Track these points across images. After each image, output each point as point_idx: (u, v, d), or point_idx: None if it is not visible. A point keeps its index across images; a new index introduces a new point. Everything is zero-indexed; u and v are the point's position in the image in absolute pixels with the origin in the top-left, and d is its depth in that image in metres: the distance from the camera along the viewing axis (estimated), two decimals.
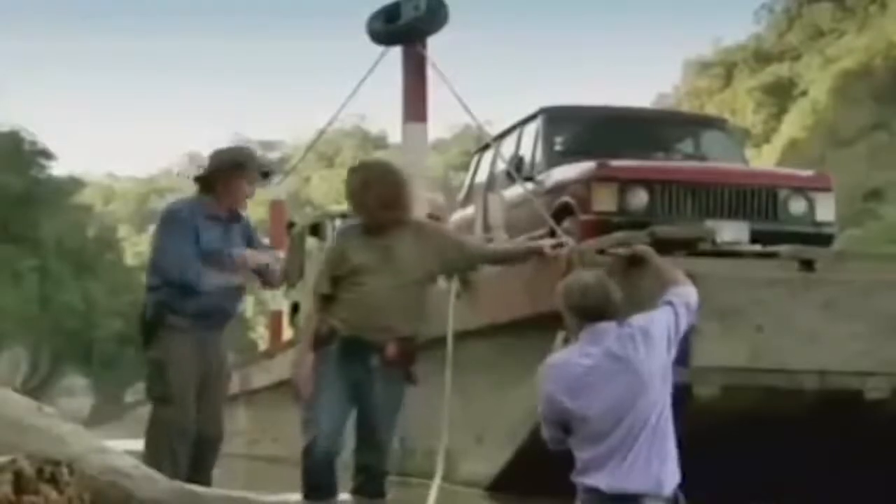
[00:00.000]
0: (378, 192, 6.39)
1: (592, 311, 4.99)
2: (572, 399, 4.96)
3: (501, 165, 11.86)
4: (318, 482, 6.41)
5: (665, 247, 8.40)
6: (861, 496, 8.35)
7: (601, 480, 4.81)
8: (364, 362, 6.40)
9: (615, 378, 4.85)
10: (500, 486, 9.34)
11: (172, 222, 6.90)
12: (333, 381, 6.43)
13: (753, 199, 10.20)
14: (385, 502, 6.56)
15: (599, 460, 4.82)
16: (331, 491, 6.38)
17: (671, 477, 4.78)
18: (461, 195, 13.61)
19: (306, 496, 6.41)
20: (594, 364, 4.89)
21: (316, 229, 18.34)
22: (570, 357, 5.05)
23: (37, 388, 41.77)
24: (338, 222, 18.31)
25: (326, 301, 6.47)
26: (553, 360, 5.16)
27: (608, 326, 4.95)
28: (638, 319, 5.06)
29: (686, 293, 5.34)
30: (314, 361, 6.41)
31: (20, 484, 4.06)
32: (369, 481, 6.46)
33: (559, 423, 5.03)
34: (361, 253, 6.45)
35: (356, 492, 6.43)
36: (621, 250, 6.69)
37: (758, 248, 9.34)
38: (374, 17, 12.93)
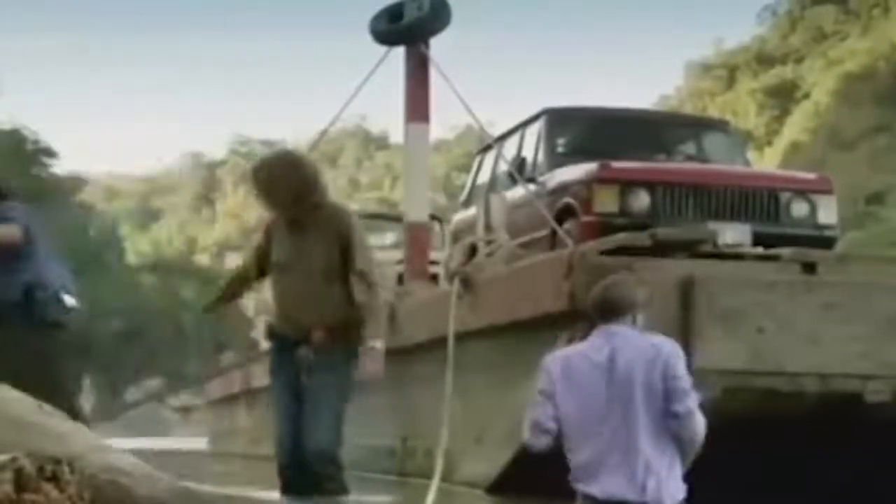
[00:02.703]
0: (287, 186, 6.27)
1: (605, 310, 4.96)
2: (564, 380, 4.92)
3: (503, 166, 11.87)
4: (285, 482, 6.38)
5: (667, 249, 8.43)
6: (861, 498, 8.35)
7: (594, 487, 4.79)
8: (297, 354, 6.33)
9: (608, 380, 4.82)
10: (500, 487, 9.34)
11: None
12: (277, 378, 6.46)
13: (755, 202, 10.21)
14: (338, 500, 6.33)
15: (592, 467, 4.80)
16: (299, 489, 6.29)
17: (668, 490, 4.73)
18: (463, 196, 13.62)
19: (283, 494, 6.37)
20: (596, 361, 4.86)
21: None
22: (579, 349, 5.02)
23: None
24: None
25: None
26: (561, 351, 5.14)
27: (620, 329, 4.90)
28: (669, 350, 4.87)
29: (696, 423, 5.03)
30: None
31: (21, 482, 4.06)
32: (319, 477, 6.23)
33: (549, 398, 4.97)
34: (280, 249, 6.44)
35: (315, 490, 6.25)
36: None
37: (759, 250, 9.35)
38: (378, 17, 12.94)
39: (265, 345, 8.85)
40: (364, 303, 6.19)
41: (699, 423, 4.80)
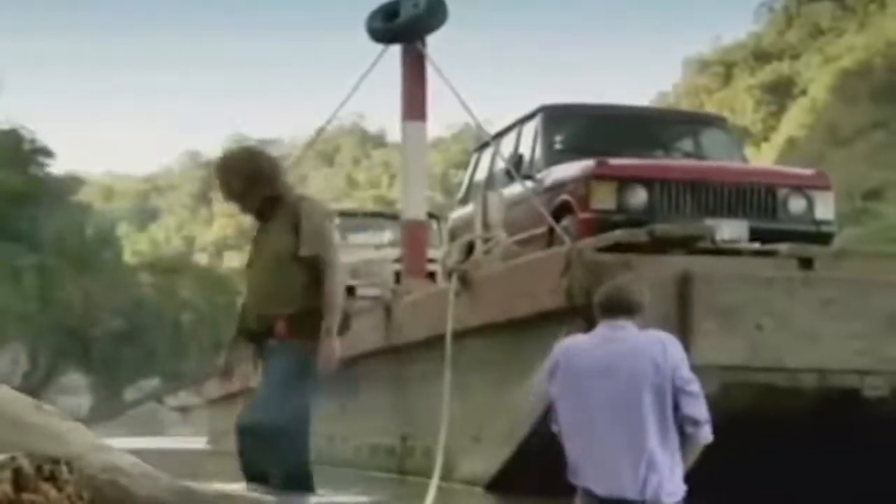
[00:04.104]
0: (239, 177, 6.34)
1: (612, 308, 4.96)
2: (566, 372, 4.92)
3: (501, 164, 11.86)
4: (246, 473, 6.32)
5: (664, 245, 8.44)
6: (860, 493, 8.36)
7: (594, 483, 4.79)
8: (263, 348, 6.32)
9: (612, 376, 4.81)
10: (499, 485, 9.34)
11: None
12: (259, 373, 6.45)
13: (752, 198, 10.20)
14: (299, 499, 6.22)
15: (590, 463, 4.79)
16: (262, 479, 6.20)
17: (667, 489, 4.72)
18: (460, 194, 13.61)
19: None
20: (601, 357, 4.85)
21: None
22: (585, 341, 5.01)
23: (36, 385, 41.73)
24: (337, 220, 18.32)
25: None
26: (572, 338, 5.13)
27: (626, 326, 4.90)
28: (675, 347, 4.87)
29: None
30: None
31: (19, 482, 4.06)
32: (281, 476, 6.17)
33: (551, 373, 4.98)
34: (251, 246, 6.51)
35: (272, 467, 6.20)
36: None
37: (757, 246, 9.35)
38: (374, 15, 12.93)
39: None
40: (317, 290, 6.13)
41: (709, 426, 4.83)
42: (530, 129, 11.63)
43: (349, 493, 9.49)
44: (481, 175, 12.68)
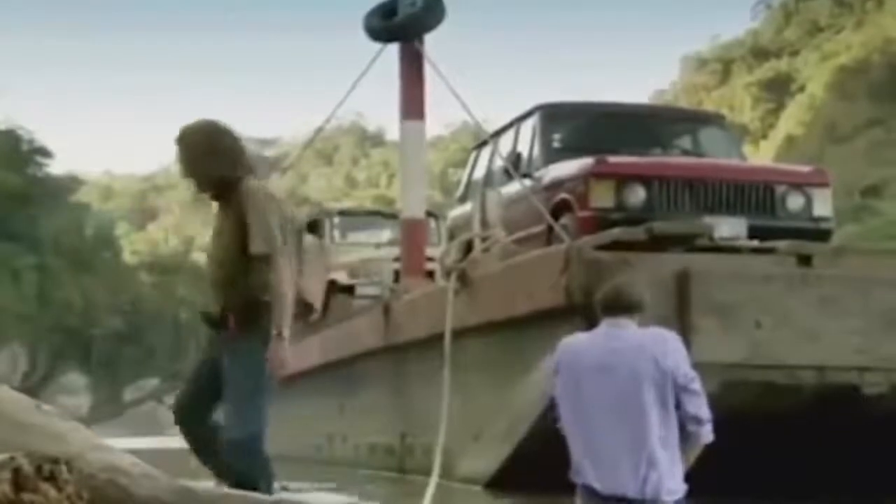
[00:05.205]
0: (188, 153, 6.01)
1: (615, 306, 4.96)
2: (568, 370, 4.92)
3: (499, 162, 11.87)
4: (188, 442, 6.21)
5: (663, 243, 8.44)
6: (859, 490, 8.37)
7: (596, 482, 4.79)
8: (217, 339, 6.07)
9: (614, 374, 4.81)
10: (499, 483, 9.35)
11: None
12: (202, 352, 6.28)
13: (751, 195, 10.21)
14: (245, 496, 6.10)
15: (593, 461, 4.79)
16: (204, 458, 6.03)
17: (667, 486, 4.72)
18: (459, 192, 13.61)
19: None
20: (602, 355, 4.85)
21: (314, 227, 18.34)
22: (587, 340, 5.01)
23: (35, 385, 41.77)
24: (336, 219, 18.34)
25: None
26: (574, 336, 5.13)
27: (628, 324, 4.90)
28: (677, 346, 4.88)
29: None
30: None
31: (19, 482, 4.05)
32: (230, 468, 5.91)
33: (553, 372, 5.00)
34: (213, 229, 6.22)
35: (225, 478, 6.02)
36: None
37: (755, 243, 9.35)
38: (371, 14, 12.93)
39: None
40: (268, 287, 5.87)
41: (710, 425, 4.84)
42: (528, 127, 11.63)
43: (323, 489, 9.49)
44: (480, 173, 12.69)
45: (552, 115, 11.61)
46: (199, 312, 6.39)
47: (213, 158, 6.00)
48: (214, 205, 6.22)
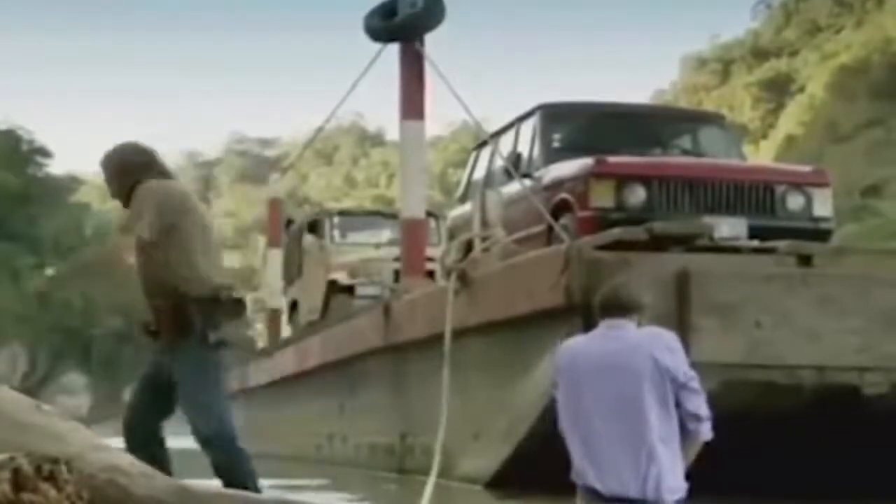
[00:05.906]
0: (113, 180, 6.30)
1: (614, 307, 4.96)
2: (567, 361, 4.93)
3: (499, 162, 11.86)
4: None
5: (663, 243, 8.44)
6: (860, 490, 8.36)
7: (597, 482, 4.79)
8: (158, 338, 6.07)
9: (614, 375, 4.81)
10: (499, 483, 9.34)
11: None
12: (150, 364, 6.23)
13: (751, 195, 10.21)
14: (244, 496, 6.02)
15: (594, 462, 4.79)
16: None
17: (668, 485, 4.72)
18: (459, 192, 13.61)
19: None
20: (602, 357, 4.85)
21: (314, 227, 18.35)
22: (586, 342, 5.02)
23: (35, 386, 41.77)
24: (336, 220, 18.34)
25: None
26: (573, 339, 5.13)
27: (627, 325, 4.90)
28: (675, 345, 4.88)
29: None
30: None
31: (19, 482, 4.06)
32: (214, 466, 6.05)
33: (554, 374, 5.02)
34: None
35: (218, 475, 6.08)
36: None
37: (755, 243, 9.35)
38: (372, 14, 12.92)
39: (261, 343, 8.81)
40: (186, 280, 5.89)
41: (710, 423, 4.84)
42: (528, 127, 11.63)
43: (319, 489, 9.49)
44: (480, 173, 12.69)
45: (552, 115, 11.61)
46: (136, 325, 6.40)
47: (131, 176, 6.15)
48: None
